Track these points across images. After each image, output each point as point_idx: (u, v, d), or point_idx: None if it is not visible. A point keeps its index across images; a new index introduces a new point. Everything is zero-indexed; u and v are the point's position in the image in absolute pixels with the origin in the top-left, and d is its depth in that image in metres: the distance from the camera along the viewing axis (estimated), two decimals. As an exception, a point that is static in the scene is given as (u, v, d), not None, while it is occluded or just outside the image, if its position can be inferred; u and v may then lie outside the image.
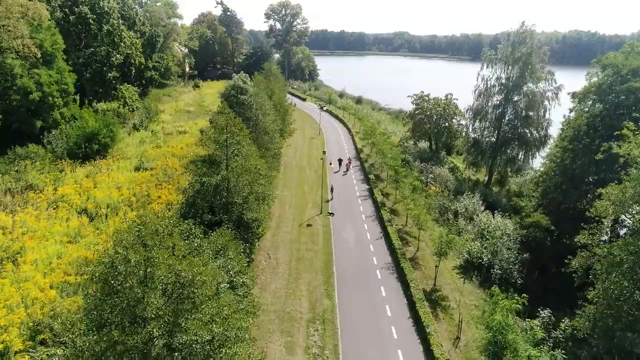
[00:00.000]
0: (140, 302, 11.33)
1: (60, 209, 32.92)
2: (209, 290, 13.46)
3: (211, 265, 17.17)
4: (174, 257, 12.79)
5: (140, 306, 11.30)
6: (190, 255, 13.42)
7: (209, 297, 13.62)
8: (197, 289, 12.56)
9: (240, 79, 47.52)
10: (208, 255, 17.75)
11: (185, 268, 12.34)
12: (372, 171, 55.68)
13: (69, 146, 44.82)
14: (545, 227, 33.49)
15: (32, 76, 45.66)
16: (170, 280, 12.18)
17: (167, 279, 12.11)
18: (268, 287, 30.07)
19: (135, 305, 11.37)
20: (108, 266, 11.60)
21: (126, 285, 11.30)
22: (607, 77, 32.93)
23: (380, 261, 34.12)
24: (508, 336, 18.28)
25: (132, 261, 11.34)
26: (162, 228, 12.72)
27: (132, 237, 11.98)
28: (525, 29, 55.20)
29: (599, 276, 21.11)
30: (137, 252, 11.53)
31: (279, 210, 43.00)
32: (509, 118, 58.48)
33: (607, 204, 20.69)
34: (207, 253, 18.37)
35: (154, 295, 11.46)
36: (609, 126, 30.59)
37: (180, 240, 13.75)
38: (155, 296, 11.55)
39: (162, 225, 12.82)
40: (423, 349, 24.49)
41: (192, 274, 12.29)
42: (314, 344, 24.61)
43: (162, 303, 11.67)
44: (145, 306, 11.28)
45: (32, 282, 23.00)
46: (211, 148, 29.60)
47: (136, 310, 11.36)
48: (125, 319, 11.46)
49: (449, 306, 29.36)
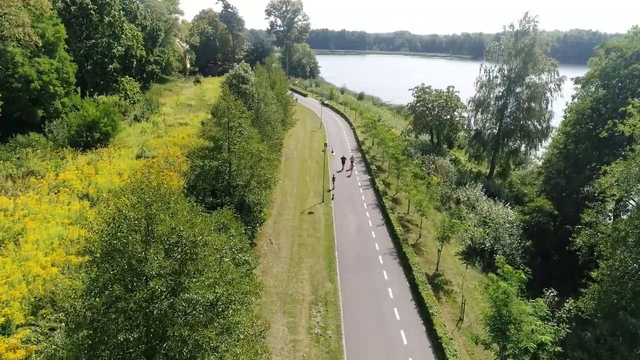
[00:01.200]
0: (142, 259, 11.20)
1: (61, 193, 32.75)
2: (212, 253, 13.34)
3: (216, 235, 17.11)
4: (176, 218, 12.68)
5: (142, 264, 11.17)
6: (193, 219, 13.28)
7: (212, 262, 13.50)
8: (199, 249, 12.44)
9: (241, 68, 47.39)
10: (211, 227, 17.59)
11: (188, 229, 12.21)
12: (374, 162, 55.57)
13: (70, 134, 44.68)
14: (548, 212, 33.34)
15: (33, 65, 45.56)
16: (172, 240, 12.04)
17: (170, 238, 11.97)
18: (270, 271, 29.96)
19: (138, 263, 11.24)
20: (109, 224, 11.48)
21: (127, 243, 11.16)
22: (611, 60, 32.75)
23: (382, 247, 34.00)
24: (512, 309, 18.09)
25: (133, 218, 11.22)
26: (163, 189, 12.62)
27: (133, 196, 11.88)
28: (528, 19, 55.09)
29: (603, 253, 20.96)
30: (137, 210, 11.42)
31: (281, 199, 42.91)
32: (511, 110, 58.38)
33: (612, 180, 20.54)
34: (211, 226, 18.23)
35: (155, 252, 11.32)
36: (613, 110, 30.39)
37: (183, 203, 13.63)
38: (157, 253, 11.41)
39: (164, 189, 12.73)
40: (426, 330, 24.39)
41: (194, 235, 12.16)
42: (317, 325, 24.49)
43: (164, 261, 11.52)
44: (148, 263, 11.14)
45: (34, 261, 22.89)
46: (213, 131, 29.50)
47: (138, 268, 11.23)
48: (127, 276, 11.32)
49: (451, 290, 29.25)
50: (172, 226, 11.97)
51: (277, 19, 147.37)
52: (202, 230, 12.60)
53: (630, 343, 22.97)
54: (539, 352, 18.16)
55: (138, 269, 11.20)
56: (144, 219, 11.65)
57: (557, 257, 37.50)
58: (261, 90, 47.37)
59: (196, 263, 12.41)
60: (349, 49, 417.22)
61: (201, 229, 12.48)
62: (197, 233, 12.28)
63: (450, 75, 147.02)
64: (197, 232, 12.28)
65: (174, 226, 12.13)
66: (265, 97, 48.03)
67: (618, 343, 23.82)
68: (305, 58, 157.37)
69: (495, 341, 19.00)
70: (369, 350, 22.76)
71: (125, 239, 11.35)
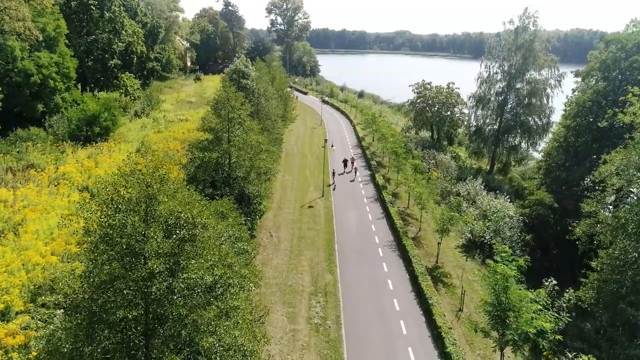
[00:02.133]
0: (141, 239, 11.18)
1: (61, 185, 32.87)
2: (211, 236, 13.33)
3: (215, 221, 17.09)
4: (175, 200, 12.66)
5: (141, 243, 11.15)
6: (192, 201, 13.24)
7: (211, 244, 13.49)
8: (198, 231, 12.42)
9: (242, 62, 47.37)
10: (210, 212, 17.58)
11: (186, 210, 12.19)
12: (374, 158, 55.54)
13: (71, 129, 44.76)
14: (548, 204, 33.29)
15: (33, 59, 45.59)
16: (171, 220, 12.02)
17: (169, 219, 11.95)
18: (270, 263, 29.94)
19: (136, 243, 11.22)
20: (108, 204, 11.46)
21: (127, 223, 11.15)
22: (611, 53, 32.71)
23: (382, 240, 33.98)
24: (511, 295, 18.05)
25: (133, 198, 11.21)
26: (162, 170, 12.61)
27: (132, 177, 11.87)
28: (528, 15, 55.04)
29: (603, 242, 20.92)
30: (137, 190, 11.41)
31: (281, 193, 42.90)
32: (512, 105, 58.37)
33: (612, 168, 20.51)
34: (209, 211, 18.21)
35: (154, 232, 11.31)
36: (613, 102, 30.36)
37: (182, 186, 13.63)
38: (156, 233, 11.40)
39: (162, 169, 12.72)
40: (425, 320, 24.36)
41: (193, 216, 12.14)
42: (316, 315, 24.48)
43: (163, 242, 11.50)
44: (147, 243, 11.13)
45: (34, 250, 22.91)
46: (212, 122, 29.48)
47: (137, 248, 11.20)
48: (125, 256, 11.30)
49: (451, 282, 29.22)
50: (171, 207, 11.95)
51: (277, 17, 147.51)
52: (201, 212, 12.58)
53: (630, 334, 22.94)
54: (538, 339, 18.13)
55: (137, 248, 11.16)
56: (143, 199, 11.63)
57: (556, 251, 37.50)
58: (261, 85, 47.37)
59: (195, 244, 12.40)
60: (349, 48, 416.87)
61: (200, 211, 12.46)
62: (196, 214, 12.27)
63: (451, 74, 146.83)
64: (195, 213, 12.26)
65: (172, 207, 12.11)
66: (266, 92, 48.03)
67: (618, 334, 23.78)
68: (305, 56, 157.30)
69: (495, 329, 18.97)
70: (369, 339, 22.74)
71: (125, 219, 11.34)
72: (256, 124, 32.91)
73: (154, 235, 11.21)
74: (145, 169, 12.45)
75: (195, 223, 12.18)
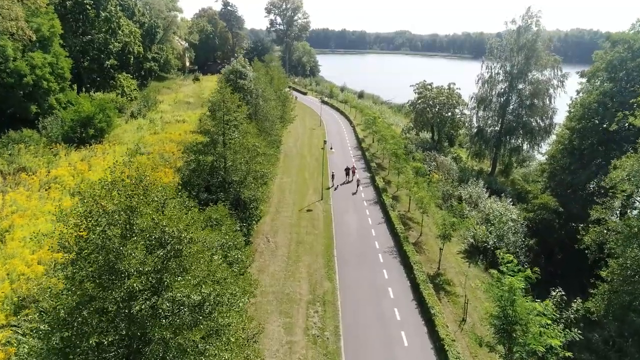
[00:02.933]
0: (120, 255, 10.27)
1: (52, 189, 31.96)
2: (199, 250, 12.42)
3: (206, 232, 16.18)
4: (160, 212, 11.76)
5: (120, 260, 10.24)
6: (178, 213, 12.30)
7: (199, 259, 12.59)
8: (184, 246, 11.51)
9: (239, 63, 46.50)
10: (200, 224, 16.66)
11: (171, 223, 11.26)
12: (374, 160, 54.65)
13: (64, 130, 43.82)
14: (553, 208, 32.36)
15: (26, 59, 44.68)
16: (154, 235, 11.09)
17: (151, 233, 11.02)
18: (266, 269, 29.04)
19: (116, 259, 10.31)
20: (85, 216, 10.56)
21: (105, 237, 10.25)
22: (617, 53, 31.77)
23: (382, 245, 33.08)
24: (518, 308, 17.14)
25: (112, 210, 10.31)
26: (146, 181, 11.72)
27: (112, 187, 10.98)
28: (530, 14, 54.07)
29: (614, 251, 20.02)
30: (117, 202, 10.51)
31: (279, 196, 42.00)
32: (514, 106, 57.42)
33: (623, 174, 19.62)
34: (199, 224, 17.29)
35: (134, 248, 10.40)
36: (620, 103, 29.46)
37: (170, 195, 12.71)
38: (137, 249, 10.48)
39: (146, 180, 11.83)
40: (427, 331, 23.44)
41: (178, 231, 11.21)
42: (314, 325, 23.57)
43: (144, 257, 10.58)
44: (125, 260, 10.21)
45: (20, 258, 22.01)
46: (208, 125, 28.58)
47: (116, 265, 10.29)
48: (103, 274, 10.39)
49: (453, 290, 28.30)
50: (155, 220, 11.04)
51: (276, 17, 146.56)
52: (189, 226, 11.66)
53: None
54: (547, 355, 17.21)
55: (116, 266, 10.25)
56: (123, 211, 10.73)
57: (560, 256, 36.62)
58: (259, 85, 46.50)
59: (181, 260, 11.49)
60: (349, 48, 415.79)
61: (187, 225, 11.54)
62: (183, 228, 11.34)
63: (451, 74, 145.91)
64: (182, 227, 11.34)
65: (157, 220, 11.20)
66: (264, 93, 47.16)
67: (627, 345, 22.92)
68: (305, 57, 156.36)
69: (501, 343, 18.07)
70: (368, 352, 21.83)
71: (103, 233, 10.45)
72: (253, 126, 32.01)
73: (133, 253, 10.29)
74: (128, 180, 11.59)
75: (181, 238, 11.26)
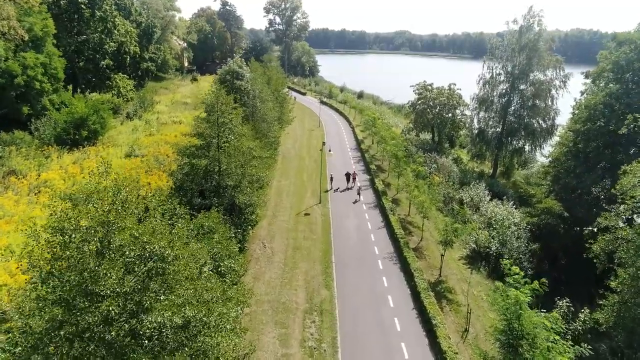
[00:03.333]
0: (96, 275, 9.37)
1: (42, 194, 31.01)
2: (184, 268, 11.51)
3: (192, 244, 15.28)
4: (141, 226, 10.85)
5: (95, 281, 9.33)
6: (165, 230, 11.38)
7: (185, 277, 11.68)
8: (167, 264, 10.59)
9: (235, 63, 45.56)
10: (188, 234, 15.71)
11: (153, 240, 10.35)
12: (373, 162, 53.73)
13: (57, 132, 42.88)
14: (557, 213, 31.46)
15: (17, 59, 43.75)
16: (134, 252, 10.19)
17: (131, 251, 10.12)
18: (262, 277, 28.12)
19: (90, 280, 9.41)
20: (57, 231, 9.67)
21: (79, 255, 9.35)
22: (624, 54, 30.87)
23: (382, 251, 32.17)
24: (525, 322, 16.26)
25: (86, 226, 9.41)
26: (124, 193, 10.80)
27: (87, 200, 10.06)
28: (532, 14, 53.19)
29: (624, 260, 19.14)
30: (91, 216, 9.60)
31: (276, 199, 41.06)
32: (515, 107, 56.52)
33: (635, 180, 18.75)
34: (188, 233, 16.34)
35: (111, 267, 9.49)
36: (627, 105, 28.58)
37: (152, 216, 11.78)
38: (115, 269, 9.58)
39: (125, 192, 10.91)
40: (429, 342, 22.54)
41: (161, 248, 10.30)
42: (311, 337, 22.67)
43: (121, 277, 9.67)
44: (100, 280, 9.31)
45: (2, 268, 21.08)
46: (201, 127, 27.69)
47: (90, 286, 9.39)
48: (77, 296, 9.49)
49: (455, 299, 27.36)
50: (134, 236, 10.13)
51: (275, 16, 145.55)
52: (173, 242, 10.74)
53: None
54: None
55: (90, 287, 9.35)
56: (99, 227, 9.83)
57: (564, 261, 35.74)
58: (257, 86, 45.58)
59: (164, 279, 10.58)
60: (349, 48, 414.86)
61: (171, 241, 10.62)
62: (166, 245, 10.44)
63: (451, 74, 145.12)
64: (165, 243, 10.43)
65: (136, 236, 10.30)
66: (261, 94, 46.24)
67: (636, 356, 22.03)
68: (304, 57, 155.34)
69: (507, 358, 17.19)
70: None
71: (77, 250, 9.55)
72: (249, 129, 31.09)
73: (109, 273, 9.38)
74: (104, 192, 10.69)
75: (164, 255, 10.36)
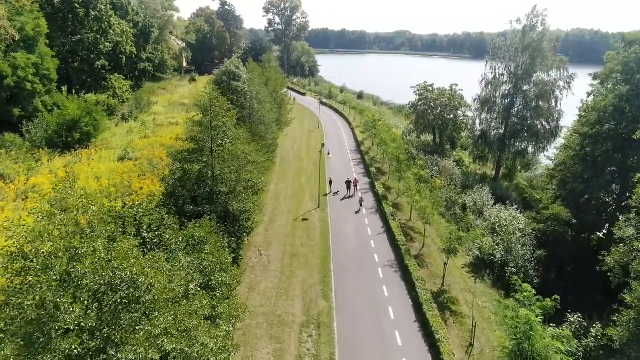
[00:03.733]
0: (55, 309, 8.23)
1: (30, 199, 29.83)
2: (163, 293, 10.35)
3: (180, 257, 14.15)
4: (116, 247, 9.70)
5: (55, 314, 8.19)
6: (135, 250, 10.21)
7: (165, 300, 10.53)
8: (142, 293, 9.45)
9: (232, 64, 44.41)
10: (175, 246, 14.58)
11: (125, 264, 9.20)
12: (374, 164, 52.58)
13: (48, 135, 41.65)
14: (565, 220, 30.27)
15: (8, 60, 42.59)
16: (104, 279, 9.03)
17: (100, 278, 8.97)
18: (257, 287, 26.98)
19: (50, 313, 8.27)
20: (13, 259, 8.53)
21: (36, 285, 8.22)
22: (634, 54, 29.70)
23: (382, 258, 31.02)
24: (536, 343, 15.13)
25: (44, 251, 8.27)
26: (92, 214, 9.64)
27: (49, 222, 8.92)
28: (536, 13, 52.00)
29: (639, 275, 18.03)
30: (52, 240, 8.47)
31: (274, 203, 39.92)
32: (518, 108, 55.36)
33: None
34: (175, 246, 15.19)
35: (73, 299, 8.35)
36: (638, 107, 27.41)
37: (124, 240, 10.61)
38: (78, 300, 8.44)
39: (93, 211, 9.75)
40: (432, 358, 21.39)
41: (132, 274, 9.15)
42: (307, 352, 21.53)
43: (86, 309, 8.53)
44: (62, 312, 8.17)
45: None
46: (194, 131, 26.55)
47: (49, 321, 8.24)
48: (35, 332, 8.35)
49: (459, 310, 26.19)
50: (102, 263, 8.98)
51: (275, 16, 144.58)
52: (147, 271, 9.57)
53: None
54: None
55: (49, 322, 8.21)
56: (62, 252, 8.69)
57: (571, 268, 34.58)
58: (254, 87, 44.46)
59: (137, 308, 9.43)
60: (349, 48, 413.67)
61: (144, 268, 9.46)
62: (139, 271, 9.29)
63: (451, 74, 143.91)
64: (138, 270, 9.28)
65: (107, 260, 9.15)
66: (259, 95, 45.12)
67: (650, 373, 20.86)
68: (304, 57, 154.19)
69: (516, 381, 16.06)
70: (367, 383, 19.81)
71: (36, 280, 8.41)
72: (245, 132, 29.94)
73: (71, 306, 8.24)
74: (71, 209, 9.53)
75: (137, 283, 9.21)
